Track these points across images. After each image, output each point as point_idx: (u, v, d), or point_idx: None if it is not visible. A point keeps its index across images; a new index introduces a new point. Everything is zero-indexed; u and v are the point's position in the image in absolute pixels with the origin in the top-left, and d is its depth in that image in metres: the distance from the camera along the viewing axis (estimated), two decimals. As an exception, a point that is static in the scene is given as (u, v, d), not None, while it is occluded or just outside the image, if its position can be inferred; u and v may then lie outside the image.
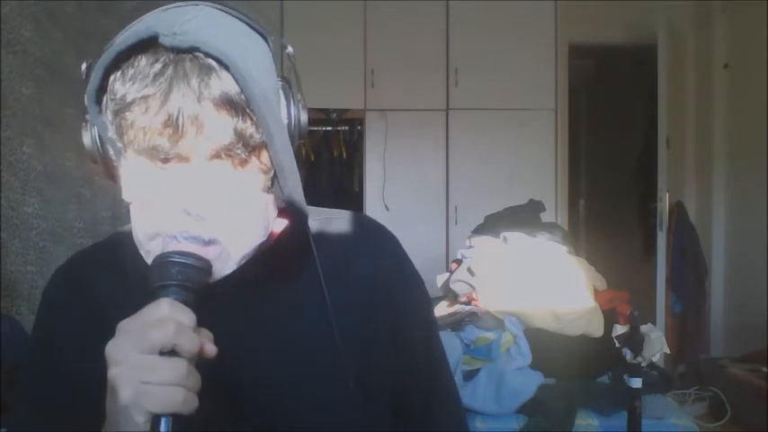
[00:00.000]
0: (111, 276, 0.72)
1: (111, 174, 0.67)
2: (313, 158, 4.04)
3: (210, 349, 0.56)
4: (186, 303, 0.56)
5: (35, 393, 0.74)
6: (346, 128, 4.00)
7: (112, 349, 0.54)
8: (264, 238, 0.66)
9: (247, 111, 0.61)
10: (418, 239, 3.58)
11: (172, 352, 0.54)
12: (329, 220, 0.79)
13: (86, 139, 0.66)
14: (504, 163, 3.73)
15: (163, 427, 0.52)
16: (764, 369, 3.12)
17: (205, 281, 0.60)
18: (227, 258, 0.63)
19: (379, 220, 0.82)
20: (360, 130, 3.89)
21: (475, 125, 3.75)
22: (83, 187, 2.45)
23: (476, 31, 3.73)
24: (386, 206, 3.73)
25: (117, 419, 0.53)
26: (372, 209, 3.72)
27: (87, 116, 0.65)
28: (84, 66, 0.64)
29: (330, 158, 4.03)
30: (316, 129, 3.99)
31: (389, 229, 0.82)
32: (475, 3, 3.71)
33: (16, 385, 0.77)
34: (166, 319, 0.54)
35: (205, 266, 0.60)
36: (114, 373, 0.53)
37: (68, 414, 0.67)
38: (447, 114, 3.77)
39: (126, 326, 0.55)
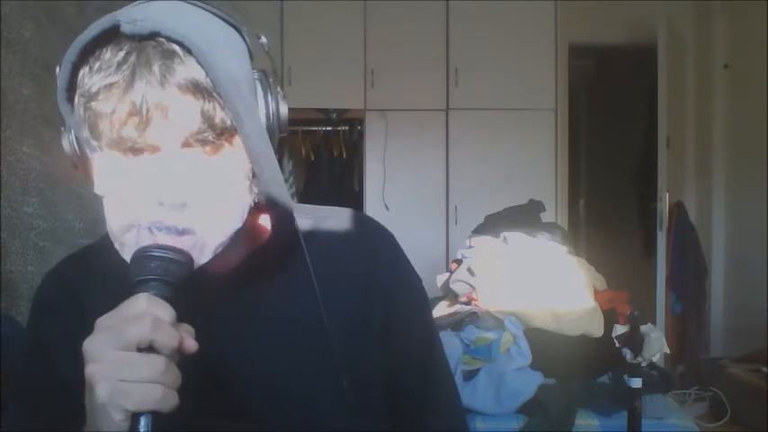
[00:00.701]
0: (100, 278, 0.71)
1: (91, 178, 0.66)
2: (313, 158, 4.04)
3: (191, 345, 0.55)
4: (166, 298, 0.56)
5: (30, 395, 0.74)
6: (346, 128, 4.00)
7: (89, 346, 0.53)
8: (240, 226, 0.65)
9: (214, 94, 0.60)
10: (418, 239, 3.58)
11: (150, 348, 0.53)
12: (325, 218, 0.78)
13: (64, 143, 0.66)
14: (504, 163, 3.73)
15: (142, 424, 0.51)
16: (764, 369, 3.11)
17: (186, 275, 0.59)
18: (202, 247, 0.62)
19: (379, 220, 0.82)
20: (360, 130, 3.89)
21: (475, 125, 3.75)
22: (83, 187, 2.44)
23: (476, 31, 3.72)
24: (386, 206, 3.73)
25: (95, 418, 0.53)
26: (372, 209, 3.72)
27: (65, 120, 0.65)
28: (57, 69, 0.64)
29: (330, 158, 4.03)
30: (316, 129, 3.99)
31: (389, 229, 0.81)
32: (475, 3, 3.71)
33: (11, 386, 0.77)
34: (143, 314, 0.53)
35: (185, 260, 0.59)
36: (91, 370, 0.52)
37: (63, 417, 0.66)
38: (447, 114, 3.77)
39: (103, 322, 0.54)
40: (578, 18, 3.89)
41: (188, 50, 0.59)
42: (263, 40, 0.71)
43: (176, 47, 0.59)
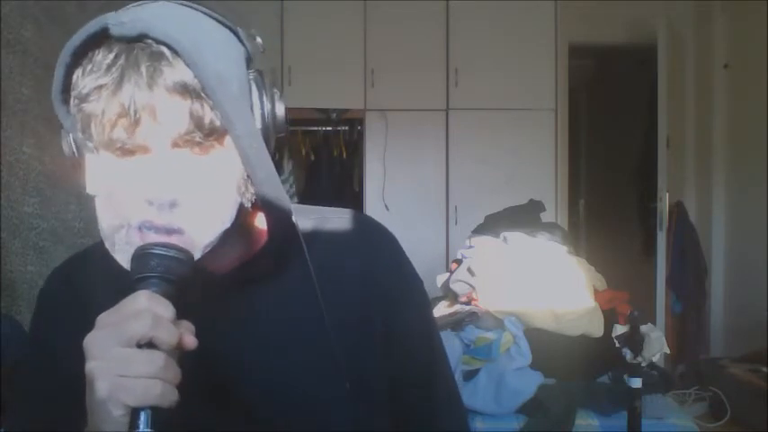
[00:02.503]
0: (105, 277, 0.71)
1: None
2: (313, 158, 4.04)
3: (190, 341, 0.56)
4: (166, 296, 0.56)
5: (33, 394, 0.74)
6: (346, 128, 3.99)
7: (90, 343, 0.54)
8: (229, 226, 0.65)
9: (203, 95, 0.60)
10: (418, 239, 3.58)
11: (150, 344, 0.53)
12: (326, 219, 0.78)
13: (64, 144, 0.67)
14: (504, 163, 3.73)
15: (142, 420, 0.52)
16: (764, 369, 3.11)
17: (186, 272, 0.60)
18: (191, 247, 0.62)
19: (379, 220, 0.82)
20: (360, 130, 3.88)
21: (475, 125, 3.75)
22: (83, 187, 2.45)
23: (476, 31, 3.73)
24: (386, 206, 3.73)
25: (96, 414, 0.53)
26: (372, 209, 3.72)
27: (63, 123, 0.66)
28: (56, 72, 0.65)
29: (330, 158, 4.02)
30: (316, 129, 3.99)
31: (389, 229, 0.81)
32: (475, 3, 3.71)
33: (15, 385, 0.77)
34: (143, 311, 0.54)
35: (186, 258, 0.60)
36: (91, 366, 0.53)
37: (66, 415, 0.67)
38: (447, 114, 3.77)
39: (104, 319, 0.55)
40: (578, 18, 3.89)
41: (175, 52, 0.59)
42: (259, 40, 0.71)
43: (164, 49, 0.59)
